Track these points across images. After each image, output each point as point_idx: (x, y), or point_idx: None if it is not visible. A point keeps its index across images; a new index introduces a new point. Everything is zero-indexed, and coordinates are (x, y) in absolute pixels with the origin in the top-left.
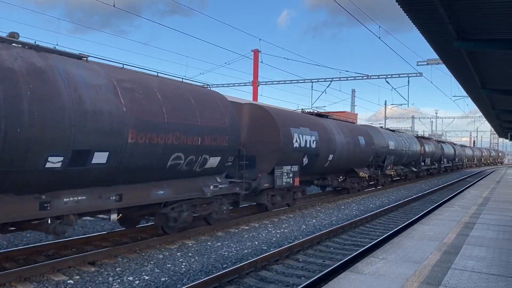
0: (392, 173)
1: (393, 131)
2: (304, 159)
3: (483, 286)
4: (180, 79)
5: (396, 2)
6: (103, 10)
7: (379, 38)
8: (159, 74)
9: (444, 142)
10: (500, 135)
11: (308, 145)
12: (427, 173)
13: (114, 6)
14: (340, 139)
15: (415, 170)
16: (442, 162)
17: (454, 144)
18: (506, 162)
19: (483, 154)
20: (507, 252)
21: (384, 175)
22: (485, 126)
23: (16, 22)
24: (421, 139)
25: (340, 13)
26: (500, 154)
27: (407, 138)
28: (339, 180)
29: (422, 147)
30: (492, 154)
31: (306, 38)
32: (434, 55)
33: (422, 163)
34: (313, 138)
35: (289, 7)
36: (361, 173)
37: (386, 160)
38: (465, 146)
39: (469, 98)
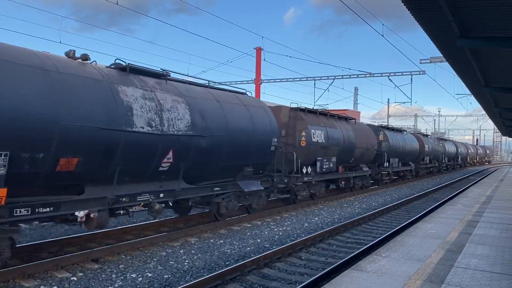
0: None
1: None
2: None
3: (486, 284)
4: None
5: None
6: (109, 8)
7: (383, 36)
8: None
9: (393, 129)
10: (503, 134)
11: None
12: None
13: (117, 3)
14: None
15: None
16: (386, 164)
17: (426, 136)
18: (506, 161)
19: (469, 151)
20: (510, 250)
21: None
22: (488, 125)
23: (22, 20)
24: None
25: (345, 11)
26: (487, 151)
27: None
28: None
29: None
30: (479, 151)
31: (311, 36)
32: (437, 53)
33: None
34: None
35: (296, 5)
36: None
37: None
38: (445, 140)
39: (472, 96)
